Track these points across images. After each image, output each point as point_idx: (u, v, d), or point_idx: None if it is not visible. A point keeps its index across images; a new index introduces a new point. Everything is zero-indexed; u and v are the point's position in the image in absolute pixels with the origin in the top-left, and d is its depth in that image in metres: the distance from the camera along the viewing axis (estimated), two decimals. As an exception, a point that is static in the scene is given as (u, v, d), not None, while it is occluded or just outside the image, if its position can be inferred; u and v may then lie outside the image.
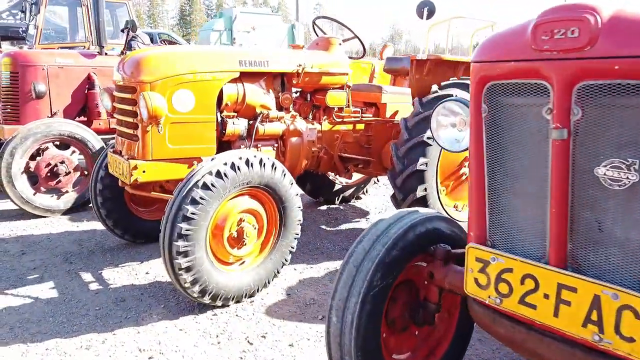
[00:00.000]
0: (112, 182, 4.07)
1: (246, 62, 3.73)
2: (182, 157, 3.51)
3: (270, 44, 11.89)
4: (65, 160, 5.19)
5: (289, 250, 3.55)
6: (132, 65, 3.35)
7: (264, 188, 3.30)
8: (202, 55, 3.59)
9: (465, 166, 4.38)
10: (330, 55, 4.25)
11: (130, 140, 3.45)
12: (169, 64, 3.39)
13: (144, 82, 3.28)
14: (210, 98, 3.56)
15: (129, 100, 3.38)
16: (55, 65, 5.54)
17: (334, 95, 4.29)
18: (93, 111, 5.76)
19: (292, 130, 4.08)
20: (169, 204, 2.98)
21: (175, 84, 3.38)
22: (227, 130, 3.70)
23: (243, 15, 11.26)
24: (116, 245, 4.38)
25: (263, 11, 13.21)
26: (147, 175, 3.39)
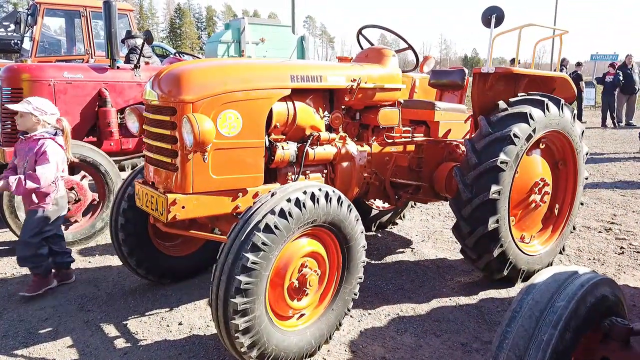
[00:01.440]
0: (135, 215, 3.52)
1: (299, 77, 3.21)
2: (227, 189, 2.98)
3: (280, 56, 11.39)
4: (75, 186, 4.62)
5: (351, 297, 3.02)
6: (170, 82, 2.82)
7: (328, 226, 2.78)
8: (251, 70, 3.08)
9: (536, 192, 3.89)
10: (384, 69, 3.75)
11: (166, 170, 2.91)
12: (215, 80, 2.87)
13: (185, 101, 2.75)
14: (259, 119, 3.03)
15: (167, 123, 2.85)
16: (63, 80, 4.98)
17: (386, 113, 3.78)
18: (104, 131, 5.19)
19: (344, 153, 3.56)
20: (222, 252, 2.44)
21: (221, 104, 2.86)
22: (276, 155, 3.18)
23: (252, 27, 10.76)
24: (138, 286, 3.81)
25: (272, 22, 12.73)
26: (187, 211, 2.85)
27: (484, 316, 3.37)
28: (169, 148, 2.85)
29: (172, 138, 2.83)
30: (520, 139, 3.54)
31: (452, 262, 4.42)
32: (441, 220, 5.69)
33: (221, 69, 2.99)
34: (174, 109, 2.78)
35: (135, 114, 3.22)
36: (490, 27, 3.60)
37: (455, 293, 3.75)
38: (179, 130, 2.77)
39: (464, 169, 3.63)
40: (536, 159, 3.94)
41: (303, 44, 12.44)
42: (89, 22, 10.59)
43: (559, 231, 4.18)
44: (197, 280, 3.91)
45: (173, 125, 2.81)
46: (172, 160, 2.85)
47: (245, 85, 2.95)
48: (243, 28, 10.95)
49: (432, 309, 3.48)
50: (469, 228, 3.59)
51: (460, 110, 4.41)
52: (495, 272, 3.75)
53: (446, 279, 4.03)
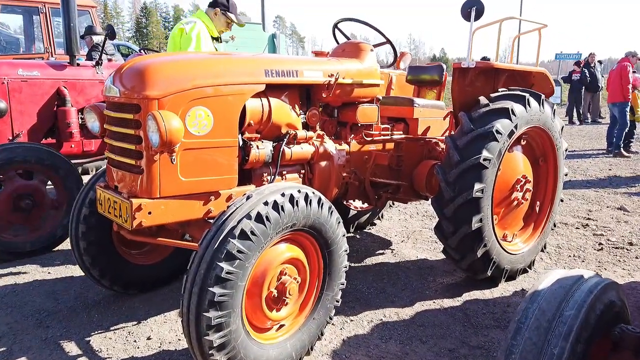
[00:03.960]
0: (97, 222, 3.26)
1: (273, 72, 3.02)
2: (197, 192, 2.76)
3: (249, 54, 11.09)
4: (33, 191, 4.30)
5: (334, 304, 2.85)
6: (134, 76, 2.59)
7: (308, 230, 2.60)
8: (222, 64, 2.86)
9: (518, 190, 3.80)
10: (362, 64, 3.59)
11: (130, 173, 2.67)
12: (183, 74, 2.64)
13: (150, 97, 2.52)
14: (232, 117, 2.82)
15: (130, 122, 2.61)
16: (17, 77, 4.64)
17: (365, 110, 3.62)
18: (64, 132, 4.86)
19: (322, 152, 3.38)
20: (193, 262, 2.23)
21: (189, 100, 2.63)
22: (250, 155, 2.97)
23: (220, 24, 10.48)
24: (102, 298, 3.55)
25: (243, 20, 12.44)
26: (153, 217, 2.62)
27: (470, 319, 3.25)
28: (133, 149, 2.61)
29: (136, 138, 2.60)
30: (503, 135, 3.44)
31: (434, 262, 4.29)
32: (420, 220, 5.58)
33: (189, 62, 2.77)
34: (138, 106, 2.55)
35: (96, 113, 2.96)
36: (470, 21, 3.48)
37: (438, 295, 3.62)
38: (143, 129, 2.54)
39: (445, 167, 3.51)
40: (517, 156, 3.85)
41: (274, 42, 12.19)
42: (49, 19, 10.12)
43: (540, 228, 4.11)
44: (167, 290, 3.67)
45: (137, 123, 2.57)
46: (136, 162, 2.62)
47: (216, 80, 2.74)
48: (212, 25, 10.65)
49: (416, 313, 3.33)
50: (452, 228, 3.46)
51: (439, 107, 4.29)
52: (478, 272, 3.64)
53: (428, 280, 3.90)
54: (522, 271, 3.96)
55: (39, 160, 4.29)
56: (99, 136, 3.08)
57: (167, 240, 2.92)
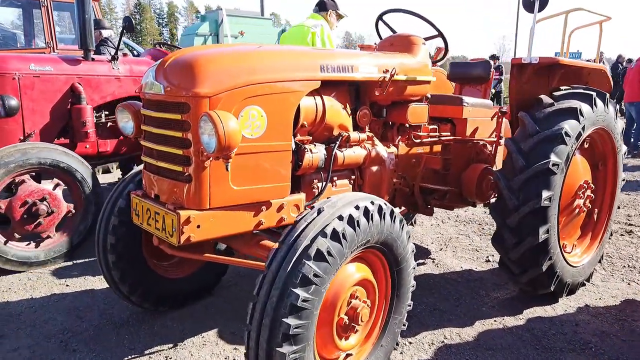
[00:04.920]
0: (127, 232, 2.95)
1: (329, 67, 2.70)
2: (249, 202, 2.45)
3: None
4: (47, 196, 3.97)
5: (400, 329, 2.55)
6: (181, 71, 2.26)
7: (379, 247, 2.29)
8: (277, 57, 2.54)
9: (580, 196, 3.51)
10: (415, 59, 3.28)
11: (175, 181, 2.35)
12: (236, 68, 2.32)
13: (201, 95, 2.20)
14: (287, 117, 2.51)
15: (177, 123, 2.28)
16: (29, 73, 4.29)
17: (416, 109, 3.32)
18: (79, 131, 4.52)
19: (374, 156, 3.07)
20: (262, 287, 1.92)
21: (243, 99, 2.32)
22: (304, 160, 2.66)
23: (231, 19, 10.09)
24: (130, 315, 3.23)
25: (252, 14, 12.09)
26: (203, 231, 2.31)
27: (540, 341, 2.96)
28: (180, 154, 2.29)
29: (183, 141, 2.28)
30: (571, 137, 3.14)
31: (481, 274, 4.00)
32: (453, 225, 5.28)
33: (243, 55, 2.45)
34: (187, 105, 2.23)
35: (130, 112, 2.64)
36: (534, 12, 3.19)
37: (497, 312, 3.32)
38: (193, 132, 2.22)
39: (507, 173, 3.21)
40: (579, 160, 3.56)
41: (284, 38, 11.81)
42: (50, 12, 9.77)
43: (599, 238, 3.82)
44: (200, 306, 3.35)
45: (185, 125, 2.25)
46: (183, 168, 2.30)
47: (271, 76, 2.42)
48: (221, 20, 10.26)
49: (479, 334, 3.03)
50: (515, 239, 3.16)
51: (487, 106, 4.00)
52: (540, 287, 3.34)
53: (481, 295, 3.60)
54: (580, 284, 3.67)
55: (55, 163, 3.96)
56: (132, 138, 2.76)
57: (217, 257, 2.59)
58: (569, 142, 3.13)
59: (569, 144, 3.14)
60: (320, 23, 4.79)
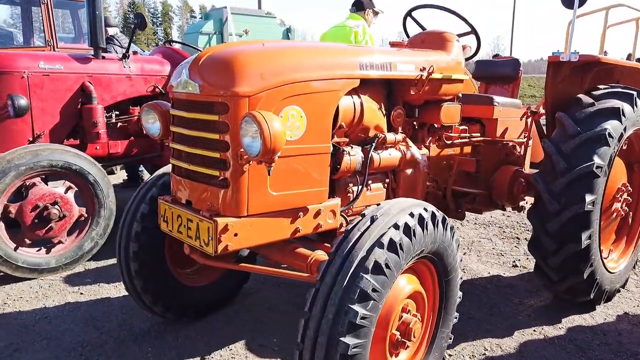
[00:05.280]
0: (150, 239, 2.80)
1: (368, 65, 2.55)
2: (287, 209, 2.30)
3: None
4: (58, 200, 3.79)
5: (447, 343, 2.40)
6: (219, 68, 2.11)
7: (430, 256, 2.15)
8: (317, 54, 2.39)
9: (619, 200, 3.38)
10: (450, 57, 3.14)
11: (210, 186, 2.19)
12: (276, 66, 2.17)
13: (240, 94, 2.05)
14: (326, 118, 2.36)
15: (214, 125, 2.13)
16: (39, 71, 4.11)
17: (449, 109, 3.17)
18: (90, 132, 4.34)
19: (409, 159, 2.93)
20: (314, 303, 1.77)
21: (283, 98, 2.17)
22: (342, 163, 2.51)
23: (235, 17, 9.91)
24: (151, 326, 3.07)
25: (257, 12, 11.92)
26: (240, 239, 2.16)
27: (584, 352, 2.82)
28: (217, 157, 2.14)
29: (221, 144, 2.12)
30: (614, 138, 3.02)
31: (510, 280, 3.86)
32: (473, 228, 5.15)
33: (283, 52, 2.29)
34: (226, 105, 2.07)
35: (157, 112, 2.48)
36: (574, 7, 3.05)
37: (534, 321, 3.19)
38: (232, 134, 2.07)
39: (547, 175, 3.07)
40: (618, 162, 3.43)
41: (289, 37, 11.66)
42: (50, 10, 9.58)
43: (634, 242, 3.70)
44: (223, 316, 3.20)
45: (223, 126, 2.10)
46: (220, 172, 2.14)
47: (312, 74, 2.27)
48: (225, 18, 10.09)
49: (520, 345, 2.89)
50: (555, 245, 3.02)
51: (517, 106, 3.86)
52: (580, 294, 3.21)
53: (514, 302, 3.47)
54: (616, 291, 3.54)
55: (67, 165, 3.79)
56: (157, 140, 2.60)
57: (253, 267, 2.43)
58: (611, 144, 3.00)
59: (612, 145, 3.01)
60: (361, 23, 4.88)
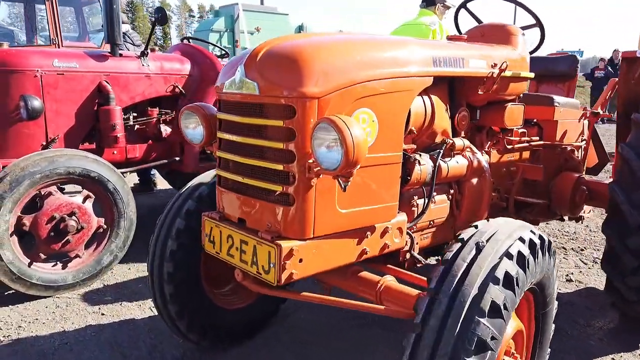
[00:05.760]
0: (186, 258, 2.49)
1: (441, 61, 2.23)
2: (355, 228, 1.98)
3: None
4: (76, 210, 3.47)
5: (539, 381, 2.08)
6: (283, 65, 1.79)
7: (533, 288, 1.83)
8: (388, 48, 2.06)
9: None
10: (516, 51, 2.82)
11: (270, 203, 1.87)
12: (345, 63, 1.85)
13: (309, 95, 1.73)
14: (399, 122, 2.04)
15: (278, 131, 1.81)
16: (53, 70, 3.79)
17: (513, 111, 2.85)
18: (107, 135, 4.02)
19: (476, 166, 2.61)
20: (416, 351, 1.44)
21: (355, 99, 1.85)
22: (412, 174, 2.19)
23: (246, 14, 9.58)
24: (184, 353, 2.74)
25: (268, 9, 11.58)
26: (305, 266, 1.84)
27: (678, 385, 2.51)
28: (280, 169, 1.81)
29: (284, 154, 1.80)
30: (702, 144, 2.71)
31: (567, 296, 3.54)
32: (514, 237, 4.83)
33: (352, 45, 1.96)
34: (292, 109, 1.75)
35: (199, 115, 2.16)
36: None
37: (610, 347, 2.86)
38: (299, 142, 1.74)
39: (626, 185, 2.76)
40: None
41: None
42: (55, 7, 9.26)
43: None
44: (261, 341, 2.88)
45: (288, 133, 1.78)
46: (283, 187, 1.82)
47: (386, 71, 1.95)
48: (237, 16, 9.76)
49: (602, 376, 2.58)
50: (637, 263, 2.71)
51: (575, 106, 3.54)
52: (658, 317, 2.90)
53: (580, 323, 3.15)
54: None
55: (85, 172, 3.46)
56: (199, 147, 2.28)
57: (323, 298, 2.08)
58: (699, 150, 2.69)
59: (699, 151, 2.69)
60: (435, 19, 4.69)
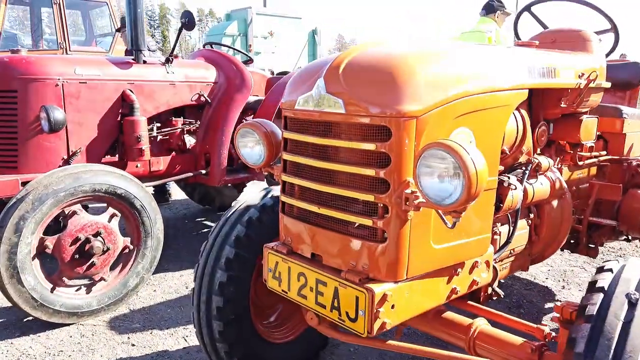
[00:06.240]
0: (237, 291, 2.25)
1: (535, 71, 1.98)
2: (447, 266, 1.72)
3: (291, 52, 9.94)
4: (102, 230, 3.20)
5: None
6: (374, 78, 1.53)
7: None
8: (483, 58, 1.81)
9: None
10: (596, 60, 2.57)
11: (355, 239, 1.61)
12: (445, 75, 1.59)
13: (408, 115, 1.47)
14: (496, 141, 1.79)
15: (367, 156, 1.55)
16: (75, 78, 3.53)
17: (587, 124, 2.59)
18: (132, 148, 3.75)
19: (558, 188, 2.35)
20: None
21: (454, 117, 1.59)
22: (505, 200, 1.93)
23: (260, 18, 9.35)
24: (229, 394, 2.47)
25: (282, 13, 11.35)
26: (397, 312, 1.58)
27: None
28: (369, 200, 1.55)
29: (376, 183, 1.54)
30: None
31: (634, 322, 3.27)
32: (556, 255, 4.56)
33: (446, 55, 1.70)
34: (386, 129, 1.49)
35: (260, 134, 1.90)
36: None
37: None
38: (396, 169, 1.48)
39: None
40: None
41: (315, 39, 11.07)
42: (62, 11, 9.04)
43: None
44: (313, 377, 2.61)
45: (382, 158, 1.52)
46: (374, 222, 1.55)
47: (484, 85, 1.69)
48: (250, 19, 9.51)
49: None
50: None
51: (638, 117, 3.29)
52: None
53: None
54: None
55: (112, 189, 3.20)
56: (257, 169, 2.02)
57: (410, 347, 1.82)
58: None
59: None
60: (493, 27, 4.72)
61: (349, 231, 1.63)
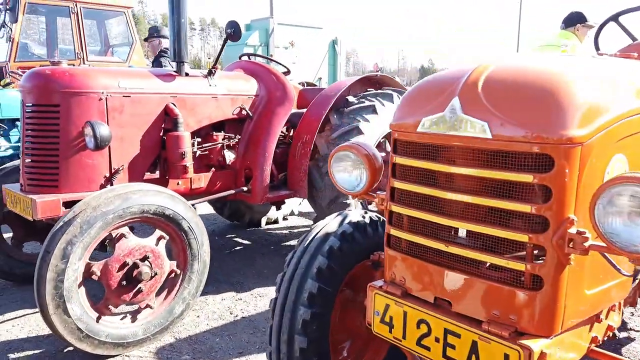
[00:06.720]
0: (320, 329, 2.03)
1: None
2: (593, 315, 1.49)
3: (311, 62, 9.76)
4: (150, 254, 2.98)
5: None
6: (528, 97, 1.30)
7: None
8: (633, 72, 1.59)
9: None
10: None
11: (497, 284, 1.38)
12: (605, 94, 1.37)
13: (574, 140, 1.25)
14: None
15: (521, 189, 1.32)
16: (119, 92, 3.32)
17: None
18: (175, 165, 3.53)
19: None
20: None
21: (615, 141, 1.37)
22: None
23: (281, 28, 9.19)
24: None
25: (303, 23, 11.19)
26: (550, 372, 1.34)
27: None
28: (524, 241, 1.32)
29: (532, 221, 1.31)
30: None
31: None
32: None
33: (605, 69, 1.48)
34: (547, 157, 1.27)
35: (362, 157, 1.68)
36: None
37: None
38: (558, 204, 1.26)
39: None
40: None
41: (335, 49, 10.88)
42: (80, 20, 8.91)
43: None
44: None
45: (541, 192, 1.29)
46: (527, 266, 1.32)
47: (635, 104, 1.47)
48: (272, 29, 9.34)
49: None
50: None
51: None
52: None
53: None
54: None
55: (160, 210, 2.97)
56: (354, 197, 1.79)
57: None
58: None
59: None
60: (570, 42, 4.63)
61: (490, 275, 1.40)
